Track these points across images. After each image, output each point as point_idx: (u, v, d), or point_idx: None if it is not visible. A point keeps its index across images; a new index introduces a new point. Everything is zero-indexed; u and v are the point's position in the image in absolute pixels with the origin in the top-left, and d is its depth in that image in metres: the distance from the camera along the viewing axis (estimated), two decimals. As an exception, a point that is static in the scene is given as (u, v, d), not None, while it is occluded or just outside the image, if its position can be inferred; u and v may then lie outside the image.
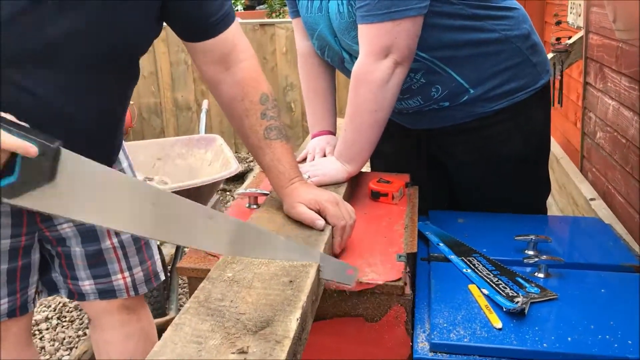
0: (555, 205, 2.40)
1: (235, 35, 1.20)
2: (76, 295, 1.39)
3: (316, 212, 1.12)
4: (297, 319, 0.79)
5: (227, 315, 0.80)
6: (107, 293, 1.38)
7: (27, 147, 0.81)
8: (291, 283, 0.88)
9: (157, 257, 1.45)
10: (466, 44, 1.45)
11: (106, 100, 1.17)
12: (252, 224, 1.03)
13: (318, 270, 0.95)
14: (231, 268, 0.93)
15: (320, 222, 1.10)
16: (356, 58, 1.42)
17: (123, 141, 1.39)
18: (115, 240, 1.35)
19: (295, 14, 1.63)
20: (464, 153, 1.60)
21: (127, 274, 1.38)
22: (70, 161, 0.84)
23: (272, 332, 0.76)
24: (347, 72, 1.59)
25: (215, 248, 0.96)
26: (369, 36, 1.34)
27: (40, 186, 0.84)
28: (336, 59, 1.58)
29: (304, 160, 1.62)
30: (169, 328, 0.78)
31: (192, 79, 4.84)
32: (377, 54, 1.34)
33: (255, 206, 1.38)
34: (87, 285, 1.37)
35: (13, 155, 0.82)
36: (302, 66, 1.70)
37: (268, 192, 1.38)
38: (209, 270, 0.95)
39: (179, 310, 2.28)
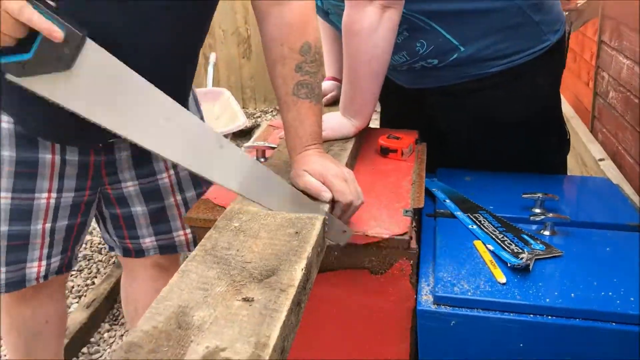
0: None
1: None
2: (133, 252, 1.39)
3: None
4: (302, 269, 0.80)
5: (233, 264, 0.81)
6: (168, 249, 1.38)
7: (52, 29, 0.77)
8: (297, 234, 0.89)
9: None
10: None
11: (181, 27, 1.07)
12: (265, 167, 1.01)
13: (324, 223, 0.95)
14: (238, 218, 0.94)
15: (327, 193, 1.01)
16: (335, 10, 1.37)
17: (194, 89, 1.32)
18: (179, 197, 1.34)
19: None
20: (458, 116, 1.55)
21: (188, 230, 1.38)
22: (93, 54, 0.80)
23: (277, 280, 0.77)
24: (333, 24, 1.55)
25: (224, 181, 0.93)
26: None
27: (54, 71, 0.80)
28: (320, 12, 1.54)
29: None
30: (176, 274, 0.79)
31: (199, 32, 4.78)
32: (361, 1, 1.29)
33: (262, 159, 1.38)
34: (148, 242, 1.37)
35: (33, 32, 0.78)
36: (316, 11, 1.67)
37: (275, 145, 1.38)
38: (215, 221, 0.96)
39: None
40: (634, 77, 1.77)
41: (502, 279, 1.06)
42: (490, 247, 1.17)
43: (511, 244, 1.17)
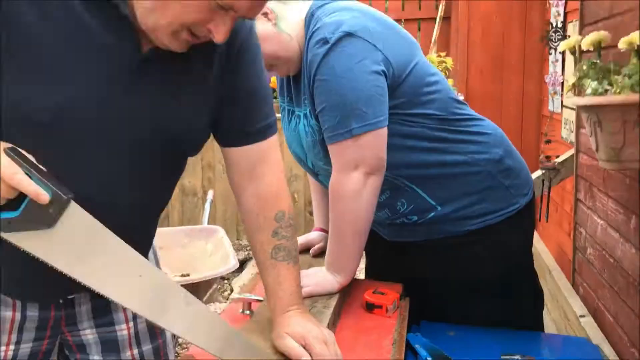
0: (548, 317, 2.41)
1: (271, 148, 1.20)
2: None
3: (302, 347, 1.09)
4: None
5: None
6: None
7: (39, 193, 0.84)
8: None
9: None
10: (431, 164, 1.52)
11: (148, 194, 1.14)
12: (243, 337, 1.05)
13: None
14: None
15: (306, 357, 1.06)
16: (323, 173, 1.50)
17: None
18: (136, 351, 1.33)
19: None
20: (436, 270, 1.63)
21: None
22: (75, 215, 0.87)
23: None
24: (322, 184, 1.68)
25: (190, 337, 0.99)
26: (337, 154, 1.44)
27: (38, 229, 0.86)
28: (311, 173, 1.68)
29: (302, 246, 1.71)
30: None
31: (200, 166, 4.97)
32: (346, 168, 1.42)
33: (248, 312, 1.41)
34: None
35: (23, 194, 0.84)
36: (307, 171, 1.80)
37: (262, 299, 1.42)
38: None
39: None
40: (607, 237, 1.87)
41: None
42: (468, 415, 1.18)
43: (488, 412, 1.18)
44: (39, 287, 1.17)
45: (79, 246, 0.89)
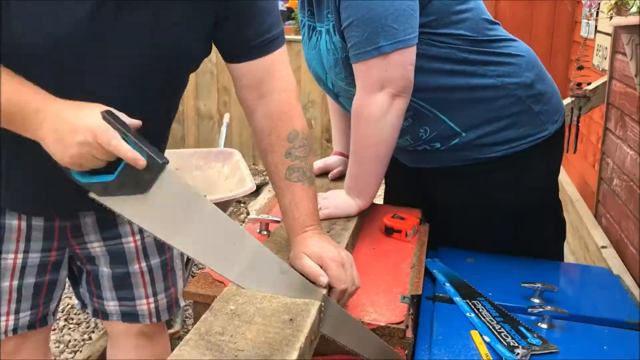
0: (567, 248, 2.38)
1: (276, 63, 1.15)
2: (100, 313, 1.40)
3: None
4: None
5: (225, 351, 0.81)
6: (130, 316, 1.39)
7: (137, 158, 0.86)
8: (291, 322, 0.90)
9: (180, 284, 1.45)
10: (456, 88, 1.44)
11: (149, 115, 1.12)
12: (269, 252, 1.03)
13: (320, 310, 0.96)
14: (234, 300, 0.95)
15: (324, 278, 1.02)
16: (344, 94, 1.43)
17: None
18: (144, 264, 1.36)
19: None
20: (456, 197, 1.58)
21: (151, 299, 1.38)
22: (170, 180, 0.88)
23: (268, 372, 0.78)
24: (342, 106, 1.61)
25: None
26: (362, 72, 1.36)
27: (132, 194, 0.87)
28: (330, 94, 1.61)
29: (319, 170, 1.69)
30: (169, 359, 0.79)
31: (215, 89, 4.89)
32: (372, 89, 1.35)
33: (265, 232, 1.40)
34: (111, 305, 1.38)
35: (119, 158, 0.86)
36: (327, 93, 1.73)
37: (279, 219, 1.40)
38: (214, 297, 0.97)
39: (184, 322, 2.30)
40: (636, 168, 1.80)
41: (496, 374, 1.06)
42: (487, 339, 1.16)
43: (507, 337, 1.17)
44: (43, 202, 1.19)
45: (173, 212, 0.90)
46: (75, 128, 0.89)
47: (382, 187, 1.91)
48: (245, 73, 1.15)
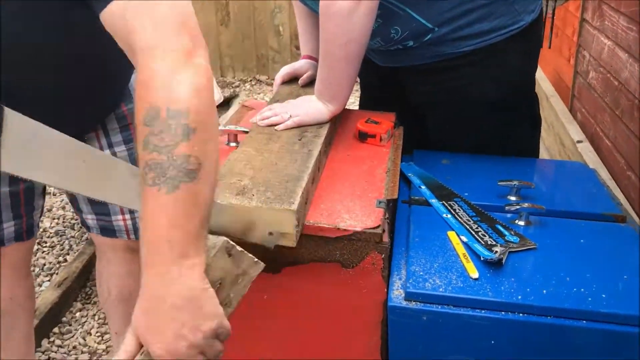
0: (542, 144, 2.38)
1: (133, 8, 0.82)
2: (84, 225, 1.40)
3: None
4: None
5: None
6: (108, 231, 1.38)
7: None
8: None
9: None
10: None
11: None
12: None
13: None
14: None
15: None
16: None
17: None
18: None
19: None
20: (431, 94, 1.53)
21: (127, 216, 1.36)
22: (14, 119, 0.82)
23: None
24: (309, 7, 1.51)
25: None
26: None
27: None
28: None
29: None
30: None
31: None
32: None
33: (234, 144, 1.34)
34: (89, 219, 1.37)
35: None
36: None
37: (248, 130, 1.34)
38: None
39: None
40: (614, 59, 1.75)
41: (474, 273, 1.05)
42: (464, 239, 1.15)
43: (485, 235, 1.16)
44: None
45: (25, 148, 0.84)
46: None
47: (356, 96, 1.84)
48: (107, 26, 0.87)
